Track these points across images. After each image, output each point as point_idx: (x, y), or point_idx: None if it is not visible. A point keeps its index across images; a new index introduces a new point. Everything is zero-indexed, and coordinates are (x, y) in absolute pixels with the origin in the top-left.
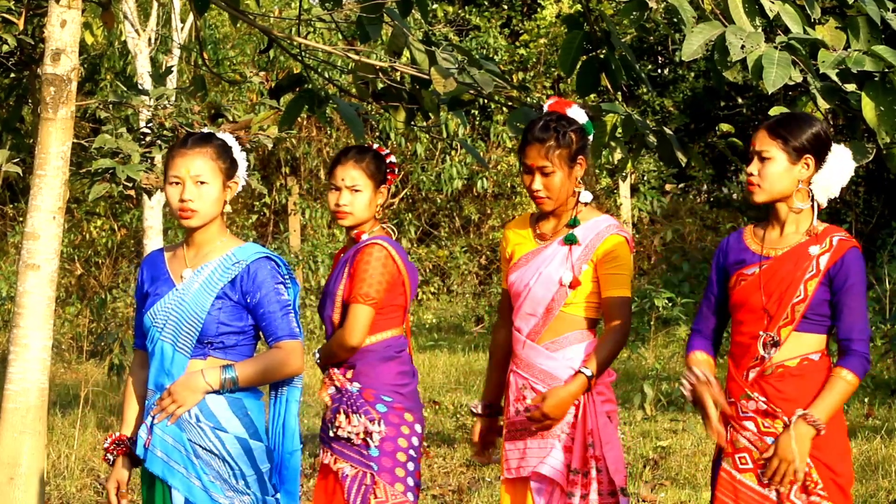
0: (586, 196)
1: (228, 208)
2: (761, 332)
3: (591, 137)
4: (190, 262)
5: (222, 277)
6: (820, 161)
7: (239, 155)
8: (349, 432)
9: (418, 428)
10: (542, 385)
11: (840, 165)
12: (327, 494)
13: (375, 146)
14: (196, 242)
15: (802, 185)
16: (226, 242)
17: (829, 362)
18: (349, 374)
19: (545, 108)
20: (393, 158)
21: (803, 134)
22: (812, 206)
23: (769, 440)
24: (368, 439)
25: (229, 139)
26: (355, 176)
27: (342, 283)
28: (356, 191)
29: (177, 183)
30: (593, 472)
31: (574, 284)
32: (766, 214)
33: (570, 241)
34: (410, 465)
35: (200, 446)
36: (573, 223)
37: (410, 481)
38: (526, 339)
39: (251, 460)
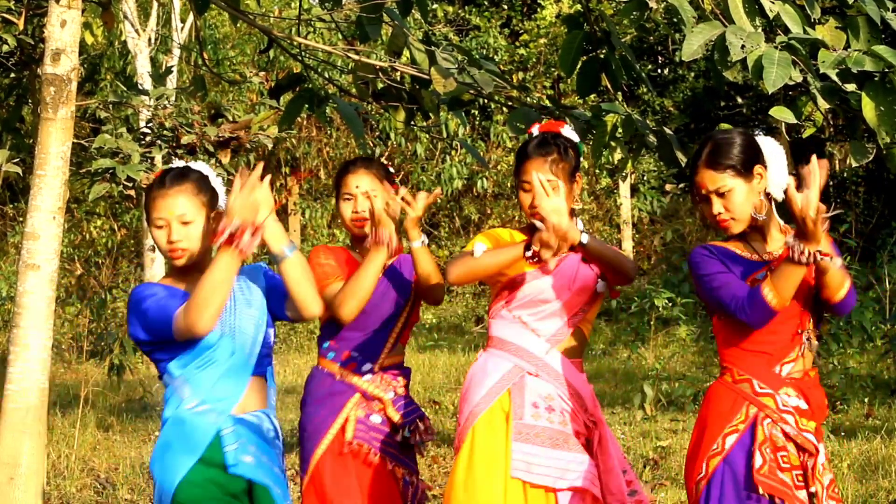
0: (579, 224)
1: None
2: (801, 330)
3: (581, 158)
4: None
5: (253, 290)
6: (765, 164)
7: (216, 182)
8: (419, 438)
9: None
10: (573, 402)
11: (776, 153)
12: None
13: (381, 160)
14: (201, 270)
15: (763, 197)
16: None
17: None
18: (402, 382)
19: (535, 132)
20: (391, 168)
21: (741, 151)
22: (771, 205)
23: (811, 437)
24: (420, 446)
25: (205, 168)
26: (369, 182)
27: (411, 291)
28: (372, 197)
29: (161, 226)
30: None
31: (601, 296)
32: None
33: (586, 260)
34: None
35: (276, 464)
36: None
37: None
38: (550, 347)
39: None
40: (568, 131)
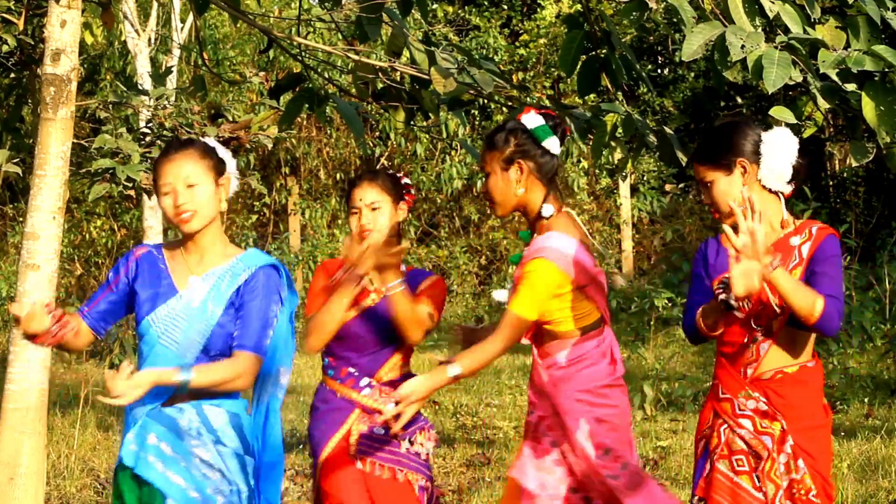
0: (547, 210)
1: (224, 206)
2: (755, 326)
3: (546, 142)
4: (194, 268)
5: (230, 285)
6: (753, 157)
7: (224, 153)
8: (424, 447)
9: None
10: (533, 394)
11: (776, 145)
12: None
13: (390, 172)
14: (198, 246)
15: (745, 190)
16: (228, 249)
17: (821, 367)
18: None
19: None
20: (407, 180)
21: (722, 145)
22: (778, 197)
23: (766, 440)
24: (429, 454)
25: (211, 141)
26: (373, 194)
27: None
28: (375, 209)
29: (168, 192)
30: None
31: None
32: None
33: (514, 262)
34: None
35: (201, 459)
36: (527, 239)
37: None
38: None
39: (245, 477)
40: (528, 117)
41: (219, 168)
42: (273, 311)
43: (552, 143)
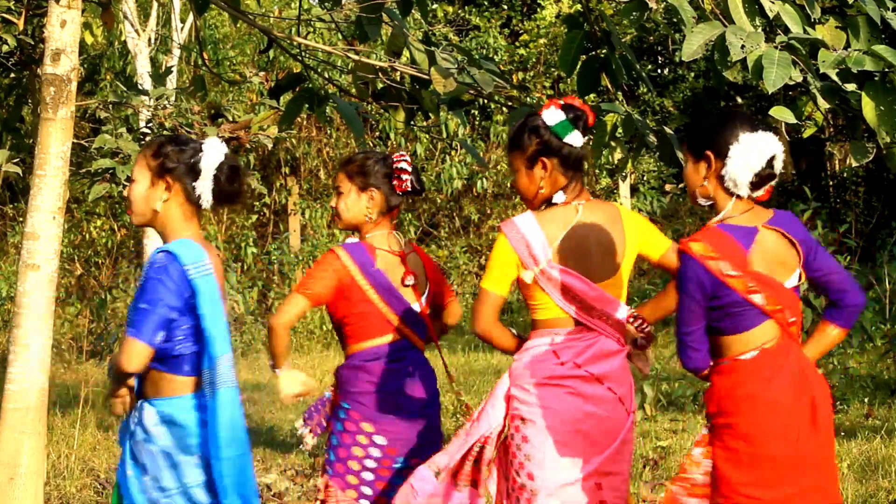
0: (558, 197)
1: (159, 206)
2: None
3: (567, 138)
4: None
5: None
6: (721, 154)
7: (209, 153)
8: (300, 435)
9: (379, 440)
10: None
11: (744, 152)
12: None
13: (396, 155)
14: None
15: (707, 182)
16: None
17: (744, 373)
18: (332, 381)
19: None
20: (403, 165)
21: (698, 133)
22: (731, 199)
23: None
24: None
25: (208, 145)
26: (340, 179)
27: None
28: (339, 193)
29: None
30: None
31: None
32: None
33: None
34: (367, 475)
35: (138, 458)
36: None
37: (366, 490)
38: None
39: (176, 475)
40: (549, 113)
41: (160, 168)
42: (157, 294)
43: (574, 138)
